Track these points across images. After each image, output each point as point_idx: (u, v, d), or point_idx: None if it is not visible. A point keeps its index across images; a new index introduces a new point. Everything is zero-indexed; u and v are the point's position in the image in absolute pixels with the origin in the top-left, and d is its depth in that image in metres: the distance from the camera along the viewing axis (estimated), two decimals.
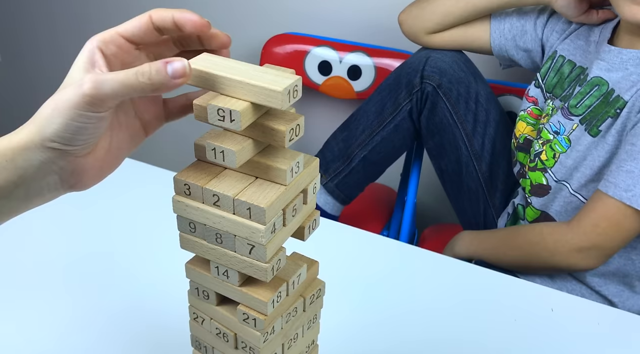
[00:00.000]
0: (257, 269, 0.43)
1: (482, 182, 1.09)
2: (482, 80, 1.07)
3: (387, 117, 1.08)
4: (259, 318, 0.45)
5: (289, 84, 0.39)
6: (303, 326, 0.51)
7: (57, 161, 0.38)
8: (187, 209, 0.44)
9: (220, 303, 0.48)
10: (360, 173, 1.13)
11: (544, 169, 0.96)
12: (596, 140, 0.87)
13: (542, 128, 0.96)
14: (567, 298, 0.75)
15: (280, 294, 0.46)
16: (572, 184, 0.92)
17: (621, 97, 0.84)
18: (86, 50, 0.40)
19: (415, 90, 1.04)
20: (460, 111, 1.04)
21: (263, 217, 0.41)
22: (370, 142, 1.10)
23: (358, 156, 1.11)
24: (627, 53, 0.84)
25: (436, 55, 1.04)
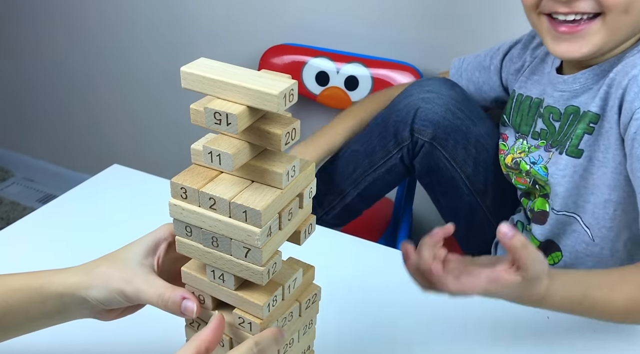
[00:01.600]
0: (253, 273, 0.43)
1: (488, 216, 1.04)
2: (481, 119, 1.00)
3: (377, 161, 1.02)
4: (254, 322, 0.45)
5: (285, 87, 0.39)
6: (299, 331, 0.51)
7: (92, 307, 0.51)
8: (184, 213, 0.44)
9: (216, 307, 0.48)
10: (356, 207, 1.11)
11: (546, 195, 0.91)
12: (582, 161, 0.82)
13: (519, 160, 0.93)
14: None
15: (276, 298, 0.46)
16: (583, 217, 0.85)
17: (589, 111, 0.80)
18: (158, 234, 0.52)
19: (406, 143, 0.97)
20: (459, 157, 0.97)
21: (259, 220, 0.41)
22: (363, 181, 1.05)
23: (351, 194, 1.07)
24: (582, 75, 0.81)
25: (426, 105, 0.94)
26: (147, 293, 0.48)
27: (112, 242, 0.82)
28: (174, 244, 0.50)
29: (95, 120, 1.85)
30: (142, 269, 0.49)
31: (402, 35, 1.31)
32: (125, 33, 1.63)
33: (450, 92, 0.97)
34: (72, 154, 1.97)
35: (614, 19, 0.72)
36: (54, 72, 1.83)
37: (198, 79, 0.41)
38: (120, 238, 0.83)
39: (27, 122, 2.00)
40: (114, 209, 0.90)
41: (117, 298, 0.49)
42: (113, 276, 0.49)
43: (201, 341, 0.43)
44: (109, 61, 1.70)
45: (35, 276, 0.52)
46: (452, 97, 0.96)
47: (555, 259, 0.92)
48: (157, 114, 1.72)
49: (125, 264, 0.50)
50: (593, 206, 0.84)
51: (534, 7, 0.78)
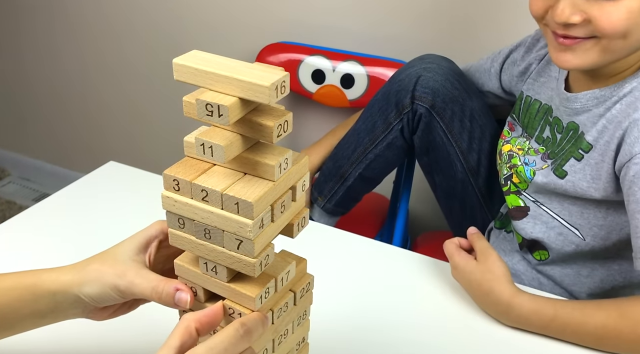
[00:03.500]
0: (245, 265, 0.44)
1: (479, 198, 1.07)
2: (476, 95, 1.05)
3: (379, 135, 1.05)
4: (243, 313, 0.45)
5: (276, 79, 0.39)
6: (293, 321, 0.51)
7: (84, 305, 0.51)
8: (176, 205, 0.44)
9: (208, 299, 0.48)
10: (358, 189, 1.12)
11: (518, 191, 0.94)
12: (564, 184, 0.84)
13: (515, 156, 0.95)
14: None
15: (268, 290, 0.46)
16: (552, 208, 0.89)
17: (584, 138, 0.82)
18: (149, 232, 0.52)
19: (406, 111, 1.01)
20: (455, 129, 1.01)
21: (251, 212, 0.42)
22: (364, 159, 1.07)
23: (353, 175, 1.09)
24: (583, 96, 0.83)
25: (427, 74, 1.00)
26: (141, 286, 0.48)
27: (108, 238, 0.82)
28: (165, 241, 0.51)
29: (92, 119, 1.85)
30: (134, 265, 0.50)
31: (398, 33, 1.32)
32: (122, 31, 1.63)
33: (449, 65, 1.03)
34: (69, 153, 1.97)
35: (608, 42, 0.74)
36: (50, 71, 1.83)
37: (190, 71, 0.41)
38: (116, 235, 0.83)
39: (24, 121, 2.00)
40: (109, 205, 0.90)
41: (110, 293, 0.49)
42: (106, 272, 0.49)
43: (192, 321, 0.43)
44: (106, 59, 1.70)
45: (27, 274, 0.52)
46: (451, 70, 1.02)
47: (543, 256, 0.93)
48: (156, 112, 1.72)
49: (117, 260, 0.50)
50: (580, 208, 0.85)
51: (541, 18, 0.80)
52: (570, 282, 0.91)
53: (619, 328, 0.66)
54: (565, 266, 0.91)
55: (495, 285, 0.71)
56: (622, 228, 0.83)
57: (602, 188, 0.80)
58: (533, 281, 0.95)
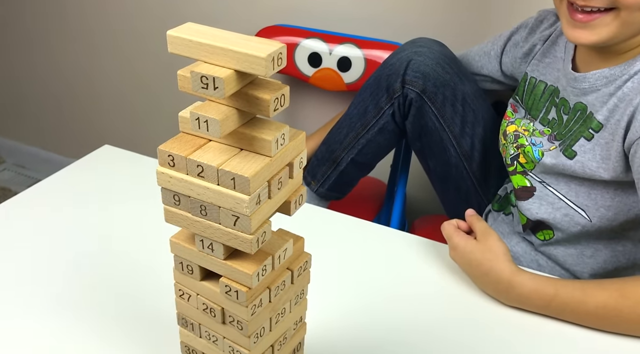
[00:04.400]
0: (242, 241, 0.43)
1: (474, 182, 1.07)
2: (468, 79, 1.04)
3: (370, 120, 1.04)
4: (240, 290, 0.44)
5: (273, 51, 0.38)
6: (290, 300, 0.51)
7: None
8: (171, 181, 0.43)
9: (204, 277, 0.48)
10: (351, 174, 1.12)
11: (524, 172, 0.93)
12: (573, 164, 0.83)
13: (522, 136, 0.94)
14: None
15: (265, 267, 0.45)
16: (558, 188, 0.88)
17: (594, 117, 0.81)
18: None
19: (397, 95, 1.00)
20: (447, 114, 1.00)
21: (247, 188, 0.41)
22: (356, 144, 1.07)
23: (345, 160, 1.09)
24: (591, 76, 0.82)
25: (418, 58, 0.98)
26: None
27: (103, 221, 0.82)
28: None
29: (86, 104, 1.83)
30: None
31: (396, 15, 1.30)
32: (115, 14, 1.61)
33: (440, 49, 1.02)
34: (64, 140, 1.95)
35: (628, 14, 0.74)
36: (43, 58, 1.81)
37: (185, 42, 0.40)
38: (110, 217, 0.82)
39: (18, 108, 1.98)
40: (103, 188, 0.89)
41: None
42: None
43: None
44: (98, 44, 1.69)
45: None
46: (443, 54, 1.01)
47: (547, 236, 0.92)
48: (149, 96, 1.70)
49: None
50: (588, 189, 0.85)
51: None
52: (573, 262, 0.91)
53: (619, 307, 0.66)
54: (569, 246, 0.91)
55: (495, 264, 0.71)
56: (630, 209, 0.83)
57: (611, 168, 0.79)
58: (532, 263, 0.95)
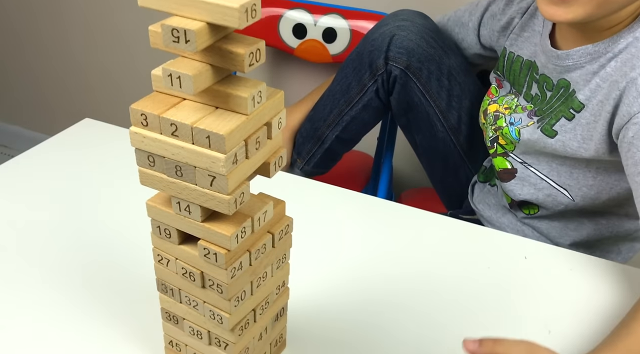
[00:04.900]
0: (219, 202, 0.42)
1: (461, 155, 1.05)
2: (453, 51, 1.01)
3: (354, 97, 1.02)
4: (219, 253, 0.44)
5: (246, 1, 0.37)
6: (272, 264, 0.50)
7: None
8: (145, 141, 0.42)
9: (183, 241, 0.47)
10: (336, 150, 1.10)
11: (505, 153, 0.91)
12: (553, 143, 0.81)
13: (501, 116, 0.91)
14: (540, 246, 0.76)
15: (244, 229, 0.45)
16: (540, 169, 0.86)
17: (576, 97, 0.78)
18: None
19: (380, 72, 0.97)
20: (433, 89, 0.97)
21: (223, 146, 0.40)
22: (340, 121, 1.05)
23: (330, 137, 1.07)
24: (575, 53, 0.78)
25: (401, 32, 0.95)
26: None
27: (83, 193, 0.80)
28: None
29: (68, 81, 1.80)
30: None
31: None
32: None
33: (424, 22, 0.99)
34: (47, 118, 1.92)
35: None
36: (23, 35, 1.77)
37: None
38: (92, 191, 0.81)
39: None
40: (85, 162, 0.88)
41: None
42: None
43: None
44: (78, 19, 1.65)
45: None
46: (426, 27, 0.98)
47: (532, 211, 0.92)
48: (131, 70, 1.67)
49: None
50: (569, 169, 0.84)
51: None
52: (557, 234, 0.91)
53: None
54: (554, 220, 0.90)
55: None
56: (612, 188, 0.82)
57: (592, 149, 0.77)
58: (517, 233, 0.95)
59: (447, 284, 0.69)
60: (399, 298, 0.66)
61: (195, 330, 0.50)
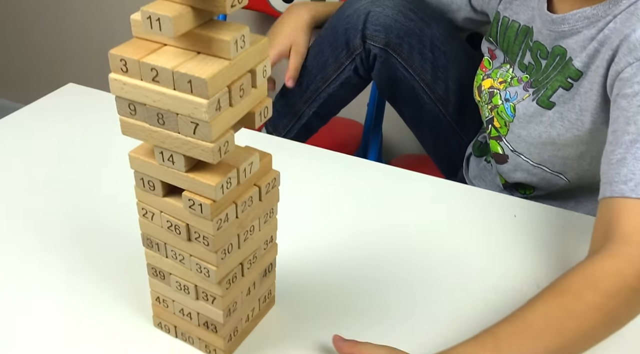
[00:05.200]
0: (203, 150, 0.41)
1: (452, 124, 1.02)
2: (436, 21, 0.96)
3: (331, 74, 0.98)
4: (204, 203, 0.43)
5: None
6: (259, 218, 0.49)
7: None
8: (125, 88, 0.41)
9: (167, 193, 0.46)
10: (314, 124, 1.07)
11: (499, 137, 0.88)
12: (551, 115, 0.76)
13: (496, 93, 0.88)
14: (529, 205, 0.75)
15: (230, 180, 0.44)
16: (531, 158, 0.83)
17: (572, 64, 0.73)
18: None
19: (358, 51, 0.93)
20: (415, 63, 0.93)
21: (205, 91, 0.39)
22: (317, 98, 1.00)
23: (307, 113, 1.03)
24: (571, 17, 0.73)
25: (376, 9, 0.90)
26: None
27: (66, 157, 0.79)
28: None
29: (48, 47, 1.76)
30: None
31: None
32: None
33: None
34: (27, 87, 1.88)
35: None
36: None
37: None
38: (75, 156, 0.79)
39: None
40: (68, 126, 0.86)
41: None
42: None
43: None
44: None
45: None
46: (403, 3, 0.92)
47: (528, 191, 0.91)
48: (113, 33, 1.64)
49: None
50: (562, 159, 0.80)
51: None
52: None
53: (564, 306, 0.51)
54: (551, 200, 0.86)
55: None
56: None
57: (589, 120, 0.73)
58: None
59: (438, 241, 0.68)
60: (389, 256, 0.66)
61: (182, 285, 0.50)
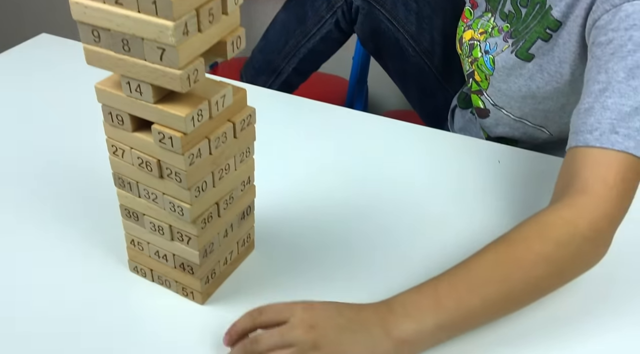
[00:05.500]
0: (171, 78, 0.39)
1: (437, 77, 1.00)
2: None
3: (310, 28, 0.95)
4: (174, 136, 0.41)
5: None
6: (235, 156, 0.48)
7: None
8: (87, 12, 0.39)
9: (137, 128, 0.44)
10: (294, 81, 1.03)
11: (480, 91, 0.86)
12: (531, 67, 0.74)
13: (476, 45, 0.85)
14: (513, 151, 0.74)
15: (201, 112, 0.42)
16: (512, 112, 0.81)
17: (551, 14, 0.70)
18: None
19: (339, 4, 0.91)
20: (400, 15, 0.91)
21: (170, 12, 0.36)
22: (297, 53, 0.98)
23: (287, 70, 1.00)
24: None
25: None
26: None
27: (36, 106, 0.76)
28: None
29: None
30: None
31: None
32: None
33: None
34: None
35: None
36: None
37: None
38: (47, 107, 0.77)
39: None
40: (42, 76, 0.83)
41: None
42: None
43: None
44: None
45: None
46: None
47: (511, 145, 0.89)
48: None
49: None
50: (544, 112, 0.78)
51: None
52: None
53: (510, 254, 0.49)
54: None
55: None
56: None
57: (569, 72, 0.71)
58: None
59: (422, 189, 0.68)
60: (371, 204, 0.65)
61: (156, 226, 0.48)
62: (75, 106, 0.77)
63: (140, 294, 0.53)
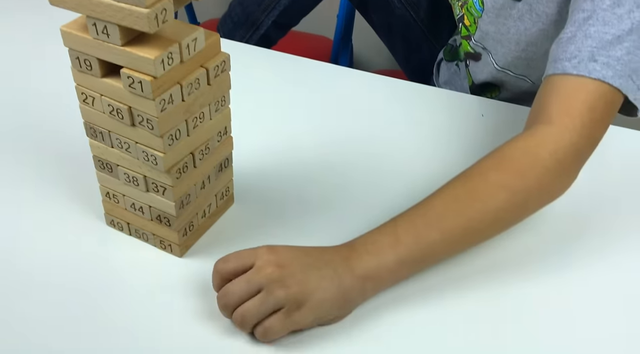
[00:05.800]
0: (137, 17, 0.37)
1: (423, 30, 0.99)
2: None
3: None
4: (144, 80, 0.40)
5: None
6: (210, 105, 0.47)
7: None
8: None
9: (106, 74, 0.42)
10: (273, 35, 1.01)
11: (468, 36, 0.84)
12: (520, 7, 0.71)
13: None
14: (496, 104, 0.74)
15: (171, 55, 0.40)
16: (497, 60, 0.79)
17: None
18: None
19: None
20: None
21: None
22: (277, 6, 0.96)
23: (266, 23, 0.98)
24: None
25: None
26: None
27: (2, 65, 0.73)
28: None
29: None
30: None
31: None
32: None
33: None
34: None
35: None
36: None
37: None
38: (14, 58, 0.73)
39: None
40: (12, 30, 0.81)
41: None
42: None
43: None
44: None
45: None
46: None
47: (493, 94, 0.88)
48: None
49: None
50: (526, 61, 0.77)
51: None
52: None
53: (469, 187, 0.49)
54: (517, 102, 0.86)
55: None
56: None
57: (555, 12, 0.69)
58: None
59: (406, 142, 0.67)
60: (354, 159, 0.64)
61: (130, 177, 0.47)
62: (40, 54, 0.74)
63: (118, 248, 0.52)
